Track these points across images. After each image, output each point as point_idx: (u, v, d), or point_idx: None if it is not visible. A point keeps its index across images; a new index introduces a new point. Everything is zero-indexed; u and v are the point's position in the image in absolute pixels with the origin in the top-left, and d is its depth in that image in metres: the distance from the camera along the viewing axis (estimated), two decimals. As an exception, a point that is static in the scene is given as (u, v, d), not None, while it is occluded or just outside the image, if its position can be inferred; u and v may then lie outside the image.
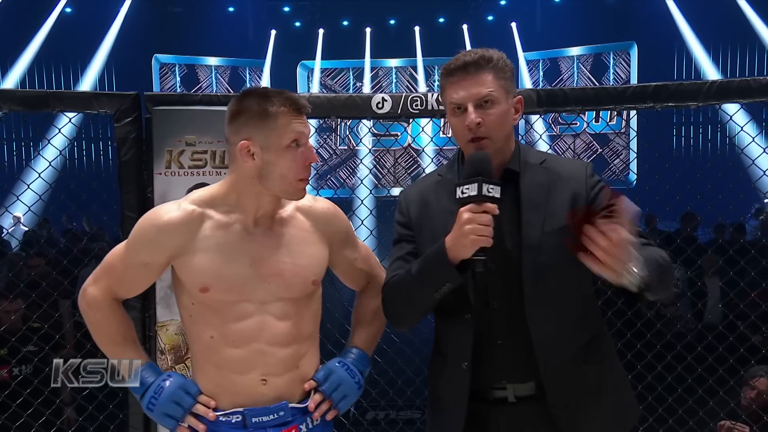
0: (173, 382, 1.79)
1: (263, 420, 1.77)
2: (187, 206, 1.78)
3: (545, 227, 1.72)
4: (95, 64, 14.91)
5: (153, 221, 1.78)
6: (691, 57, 14.16)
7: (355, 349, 1.95)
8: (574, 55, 15.62)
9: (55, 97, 2.71)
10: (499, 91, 1.74)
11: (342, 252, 1.94)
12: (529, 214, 1.73)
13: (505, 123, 1.76)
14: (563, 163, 1.84)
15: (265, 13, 15.66)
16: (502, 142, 1.76)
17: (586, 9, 14.71)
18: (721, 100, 2.69)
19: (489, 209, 1.62)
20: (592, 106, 2.79)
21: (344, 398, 1.87)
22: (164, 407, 1.76)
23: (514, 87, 1.79)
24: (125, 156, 2.71)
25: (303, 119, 1.75)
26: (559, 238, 1.67)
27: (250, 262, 1.76)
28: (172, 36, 15.24)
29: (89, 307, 1.85)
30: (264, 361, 1.77)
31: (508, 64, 1.78)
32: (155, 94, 2.77)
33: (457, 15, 15.45)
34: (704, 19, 13.43)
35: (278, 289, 1.78)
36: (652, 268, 1.54)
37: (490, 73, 1.73)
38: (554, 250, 1.70)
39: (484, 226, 1.61)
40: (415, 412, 3.91)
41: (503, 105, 1.74)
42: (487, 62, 1.74)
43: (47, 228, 8.32)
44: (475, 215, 1.62)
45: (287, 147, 1.72)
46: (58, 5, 14.17)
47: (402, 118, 2.86)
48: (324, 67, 16.09)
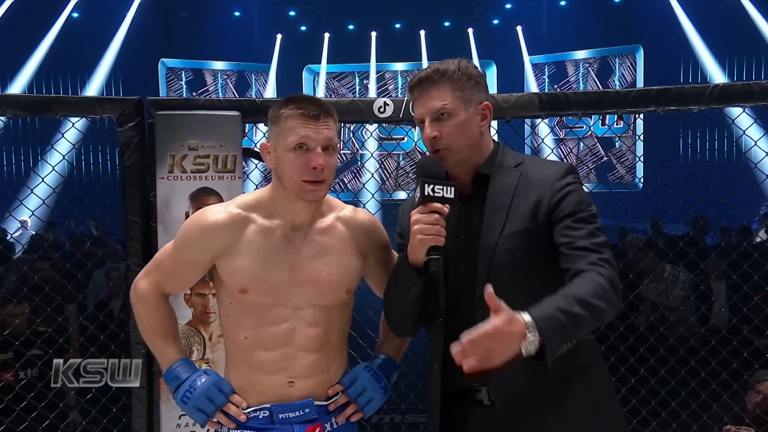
0: (208, 379, 1.86)
1: (289, 416, 1.83)
2: (232, 209, 1.85)
3: (504, 230, 1.72)
4: (102, 68, 14.98)
5: (199, 222, 1.85)
6: (697, 60, 14.12)
7: (382, 355, 1.99)
8: (580, 58, 15.62)
9: (58, 101, 2.72)
10: (456, 102, 1.75)
11: (377, 263, 1.97)
12: (490, 216, 1.74)
13: (465, 132, 1.76)
14: (540, 166, 1.82)
15: (270, 17, 15.71)
16: (466, 151, 1.77)
17: (592, 12, 14.70)
18: (724, 104, 2.68)
19: (435, 209, 1.65)
20: (595, 109, 2.80)
21: (369, 402, 1.91)
22: (197, 402, 1.83)
23: (479, 94, 1.79)
24: (128, 160, 2.72)
25: (312, 124, 1.76)
26: (517, 241, 1.69)
27: (288, 268, 1.82)
28: (178, 40, 15.31)
29: (138, 300, 1.93)
30: (292, 365, 1.83)
31: (468, 74, 1.78)
32: (158, 99, 2.79)
33: (463, 19, 15.46)
34: (710, 22, 13.40)
35: (312, 296, 1.83)
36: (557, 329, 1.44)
37: (446, 86, 1.75)
38: (509, 253, 1.70)
39: (431, 225, 1.64)
40: (419, 416, 3.91)
41: (461, 116, 1.75)
42: (441, 76, 1.76)
43: (53, 232, 8.36)
44: (421, 216, 1.65)
45: (291, 150, 1.76)
46: (65, 10, 14.25)
47: (404, 122, 2.87)
48: (330, 71, 16.12)
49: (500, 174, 1.78)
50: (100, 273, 5.59)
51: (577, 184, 1.76)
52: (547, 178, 1.75)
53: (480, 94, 1.80)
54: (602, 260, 1.62)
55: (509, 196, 1.75)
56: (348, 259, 1.88)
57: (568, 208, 1.70)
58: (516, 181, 1.76)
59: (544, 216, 1.71)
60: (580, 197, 1.73)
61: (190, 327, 2.71)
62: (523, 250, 1.70)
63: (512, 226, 1.72)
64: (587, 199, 1.75)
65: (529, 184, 1.75)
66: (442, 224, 1.66)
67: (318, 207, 1.87)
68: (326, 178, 1.78)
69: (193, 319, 2.71)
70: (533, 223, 1.71)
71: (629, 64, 15.13)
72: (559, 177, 1.75)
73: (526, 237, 1.71)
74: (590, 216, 1.71)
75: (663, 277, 5.17)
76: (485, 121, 1.81)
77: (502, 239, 1.71)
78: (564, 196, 1.72)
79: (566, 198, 1.72)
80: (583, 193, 1.75)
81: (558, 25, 15.18)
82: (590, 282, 1.56)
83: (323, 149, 1.76)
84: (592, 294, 1.53)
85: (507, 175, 1.78)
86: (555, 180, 1.74)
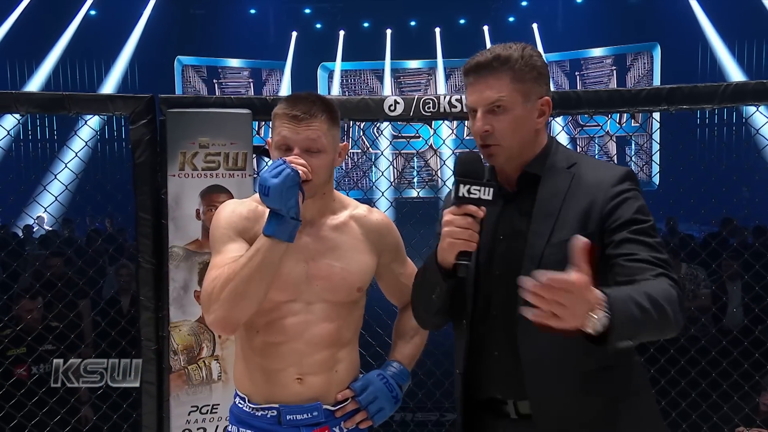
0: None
1: (297, 418, 1.82)
2: (250, 203, 1.87)
3: (552, 238, 1.59)
4: (119, 65, 15.11)
5: (221, 211, 1.85)
6: (715, 57, 13.98)
7: (396, 363, 1.97)
8: (597, 56, 15.51)
9: (71, 99, 2.74)
10: (514, 95, 1.60)
11: (389, 265, 1.97)
12: (538, 222, 1.62)
13: (520, 129, 1.63)
14: (594, 168, 1.66)
15: (286, 14, 15.75)
16: (517, 148, 1.64)
17: (608, 10, 14.59)
18: (737, 103, 2.66)
19: (469, 211, 1.53)
20: (606, 108, 2.77)
21: (380, 411, 1.90)
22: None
23: (540, 88, 1.64)
24: (140, 158, 2.74)
25: (293, 124, 1.75)
26: (565, 250, 1.52)
27: (304, 263, 1.82)
28: (194, 38, 15.40)
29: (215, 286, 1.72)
30: (300, 360, 1.82)
31: (531, 64, 1.62)
32: (169, 97, 2.80)
33: (478, 16, 15.41)
34: (728, 18, 13.26)
35: (324, 292, 1.83)
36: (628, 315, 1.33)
37: (506, 76, 1.60)
38: (558, 263, 1.52)
39: (463, 230, 1.53)
40: (428, 414, 3.91)
41: (518, 110, 1.61)
42: (502, 63, 1.60)
43: (69, 228, 8.44)
44: (453, 218, 1.54)
45: (276, 149, 1.79)
46: (83, 7, 14.38)
47: (414, 120, 2.86)
48: (344, 68, 16.13)
49: (551, 175, 1.65)
50: (112, 270, 5.64)
51: (636, 191, 1.61)
52: (601, 183, 1.60)
53: (541, 87, 1.64)
54: (670, 277, 1.48)
55: (559, 202, 1.61)
56: (360, 256, 1.88)
57: (625, 217, 1.56)
58: (567, 184, 1.63)
59: (596, 224, 1.58)
60: (639, 206, 1.58)
61: (200, 324, 2.72)
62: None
63: (560, 234, 1.58)
64: (646, 209, 1.59)
65: (580, 188, 1.62)
66: (476, 229, 1.55)
67: (326, 204, 1.87)
68: (310, 178, 1.75)
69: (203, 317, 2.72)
70: (584, 231, 1.53)
71: (646, 62, 15.01)
72: (615, 182, 1.60)
73: None
74: (650, 228, 1.56)
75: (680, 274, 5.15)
76: (543, 118, 1.66)
77: (549, 248, 1.58)
78: (620, 203, 1.58)
79: (622, 206, 1.57)
80: (642, 202, 1.60)
81: (574, 23, 15.09)
82: (663, 286, 1.45)
83: (304, 150, 1.75)
84: (663, 297, 1.41)
85: (558, 177, 1.64)
86: (610, 185, 1.60)
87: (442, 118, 2.85)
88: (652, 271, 1.48)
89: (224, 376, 2.72)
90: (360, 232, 1.90)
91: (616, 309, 1.31)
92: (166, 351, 2.71)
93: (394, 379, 1.93)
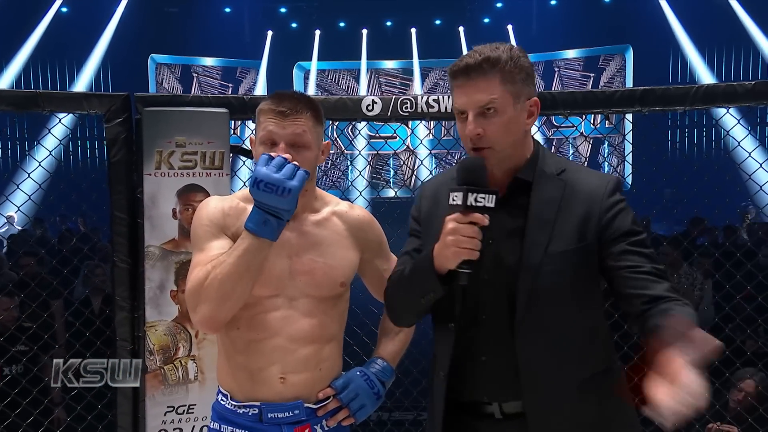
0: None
1: (278, 416, 1.82)
2: (231, 200, 1.88)
3: (549, 248, 1.59)
4: (91, 63, 14.90)
5: (205, 208, 1.86)
6: (686, 60, 14.20)
7: (379, 360, 1.98)
8: (570, 57, 15.66)
9: (45, 97, 2.71)
10: (505, 96, 1.59)
11: (373, 261, 1.97)
12: (534, 231, 1.60)
13: (511, 131, 1.61)
14: (584, 175, 1.66)
15: (261, 14, 15.67)
16: (508, 150, 1.63)
17: (582, 12, 14.74)
18: (708, 105, 2.71)
19: (476, 220, 1.52)
20: (580, 109, 2.81)
21: (362, 408, 1.90)
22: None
23: (529, 88, 1.64)
24: (115, 157, 2.72)
25: (279, 120, 1.77)
26: (564, 261, 1.57)
27: (287, 258, 1.83)
28: (168, 36, 15.23)
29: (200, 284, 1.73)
30: (284, 357, 1.82)
31: (520, 65, 1.61)
32: (146, 95, 2.78)
33: (454, 17, 15.47)
34: (699, 22, 13.47)
35: (307, 287, 1.84)
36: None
37: (496, 77, 1.59)
38: (555, 274, 1.58)
39: (468, 239, 1.52)
40: (405, 413, 3.92)
41: (509, 112, 1.60)
42: (492, 65, 1.59)
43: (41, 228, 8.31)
44: (459, 226, 1.52)
45: (261, 144, 1.80)
46: (54, 4, 14.16)
47: (392, 120, 2.87)
48: (320, 68, 16.10)
49: (542, 182, 1.63)
50: (85, 269, 5.56)
51: (625, 201, 1.64)
52: (595, 193, 1.61)
53: (530, 88, 1.64)
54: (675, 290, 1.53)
55: (553, 210, 1.61)
56: (343, 252, 1.90)
57: (623, 228, 1.58)
58: (560, 192, 1.62)
59: (593, 235, 1.59)
60: (633, 217, 1.62)
61: (176, 324, 2.71)
62: (571, 272, 1.59)
63: (558, 244, 1.58)
64: (637, 220, 1.64)
65: (573, 196, 1.61)
66: (480, 237, 1.53)
67: (309, 200, 1.88)
68: None
69: (179, 316, 2.71)
70: (581, 242, 1.58)
71: (619, 64, 15.19)
72: (609, 192, 1.62)
73: (573, 257, 1.58)
74: (646, 239, 1.61)
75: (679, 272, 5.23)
76: (532, 118, 1.66)
77: (548, 258, 1.58)
78: (616, 214, 1.60)
79: (618, 217, 1.60)
80: (632, 213, 1.63)
81: (548, 24, 15.21)
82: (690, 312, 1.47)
83: (290, 145, 1.77)
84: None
85: (550, 184, 1.63)
86: (605, 196, 1.61)
87: (420, 118, 2.87)
88: (662, 284, 1.53)
89: (201, 376, 2.71)
90: (343, 228, 1.91)
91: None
92: (141, 351, 2.69)
93: (376, 376, 1.94)
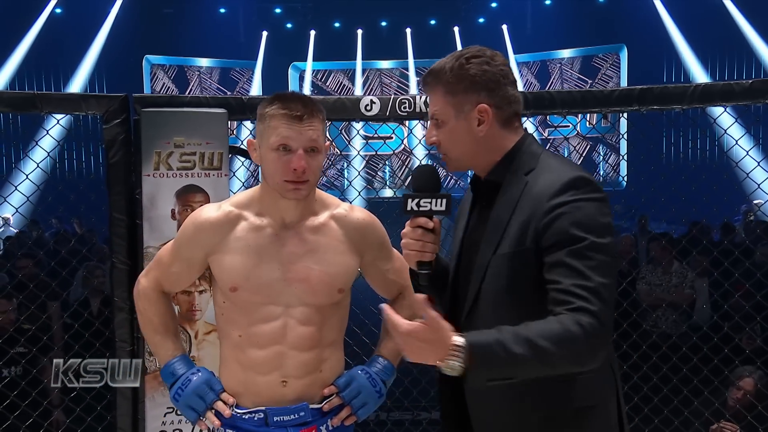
0: (200, 377, 1.87)
1: (284, 419, 1.84)
2: (226, 207, 1.88)
3: (498, 250, 1.55)
4: (85, 64, 14.84)
5: (194, 220, 1.89)
6: (680, 60, 14.24)
7: (381, 359, 2.00)
8: (565, 57, 15.69)
9: (43, 98, 2.70)
10: (446, 109, 1.60)
11: (375, 262, 1.97)
12: (488, 231, 1.59)
13: (459, 141, 1.62)
14: (545, 175, 1.56)
15: (256, 14, 15.65)
16: (465, 158, 1.64)
17: (577, 12, 14.77)
18: (705, 104, 2.72)
19: (420, 224, 1.61)
20: (579, 108, 2.82)
21: (364, 406, 1.92)
22: (189, 399, 1.85)
23: (474, 96, 1.59)
24: (114, 158, 2.71)
25: (296, 125, 1.75)
26: (504, 264, 1.54)
27: (279, 266, 1.83)
28: (162, 37, 15.20)
29: (138, 296, 1.98)
30: (284, 363, 1.83)
31: (460, 76, 1.59)
32: (144, 96, 2.78)
33: (449, 17, 15.48)
34: (693, 23, 13.51)
35: (303, 295, 1.84)
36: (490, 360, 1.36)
37: (439, 90, 1.62)
38: (495, 276, 1.56)
39: (414, 241, 1.61)
40: (404, 413, 3.93)
41: (451, 123, 1.61)
42: (434, 78, 1.63)
43: (37, 229, 8.29)
44: (407, 230, 1.63)
45: (273, 149, 1.77)
46: (48, 5, 14.11)
47: (390, 120, 2.87)
48: (315, 68, 16.10)
49: (509, 183, 1.60)
50: (83, 271, 5.55)
51: (579, 201, 1.48)
52: (541, 194, 1.51)
53: (476, 95, 1.59)
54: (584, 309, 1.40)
55: (509, 212, 1.56)
56: (340, 258, 1.88)
57: (557, 236, 1.46)
58: (519, 193, 1.56)
59: (532, 241, 1.51)
60: (576, 220, 1.46)
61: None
62: (508, 276, 1.54)
63: (504, 246, 1.55)
64: (586, 223, 1.46)
65: (526, 197, 1.55)
66: (428, 239, 1.61)
67: (309, 205, 1.87)
68: (309, 179, 1.78)
69: (178, 317, 2.70)
70: (520, 247, 1.52)
71: (613, 64, 15.22)
72: (553, 194, 1.50)
73: (512, 261, 1.53)
74: (587, 247, 1.44)
75: (670, 270, 5.26)
76: (484, 125, 1.60)
77: (495, 260, 1.56)
78: (554, 219, 1.48)
79: (555, 222, 1.48)
80: (581, 214, 1.47)
81: (543, 24, 15.24)
82: (554, 324, 1.39)
83: (306, 150, 1.75)
84: (550, 337, 1.37)
85: (514, 184, 1.59)
86: (547, 198, 1.50)
87: (418, 118, 2.87)
88: (567, 305, 1.41)
89: (201, 377, 2.70)
90: (341, 232, 1.90)
91: (476, 355, 1.35)
92: (141, 352, 2.69)
93: (378, 374, 1.95)
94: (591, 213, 1.48)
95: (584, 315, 1.39)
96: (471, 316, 1.60)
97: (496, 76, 1.60)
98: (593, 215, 1.48)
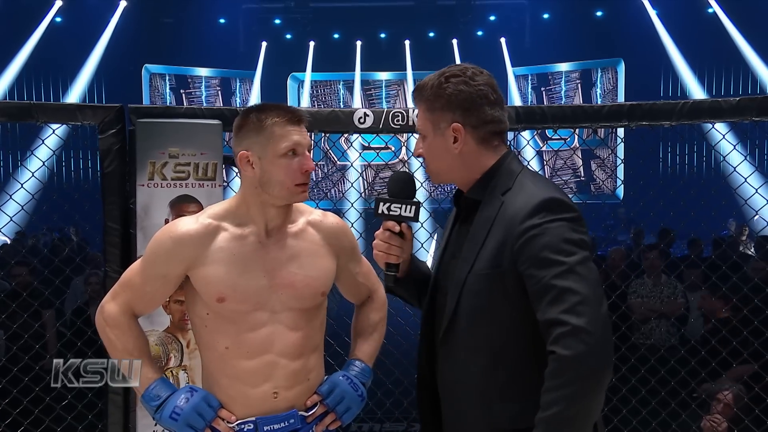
0: (197, 395, 1.86)
1: (274, 428, 1.85)
2: (203, 220, 1.87)
3: (474, 267, 1.59)
4: (85, 73, 14.87)
5: (170, 234, 1.87)
6: (677, 75, 14.32)
7: (358, 362, 2.03)
8: (563, 70, 15.77)
9: (39, 108, 2.73)
10: (426, 125, 1.67)
11: (347, 266, 2.02)
12: (466, 249, 1.63)
13: (438, 156, 1.67)
14: (519, 197, 1.58)
15: (256, 24, 15.71)
16: (443, 173, 1.70)
17: (575, 26, 14.84)
18: (694, 120, 2.76)
19: (388, 227, 1.72)
20: (570, 123, 2.85)
21: (348, 411, 1.95)
22: (189, 418, 1.83)
23: (449, 114, 1.63)
24: (108, 167, 2.74)
25: (299, 129, 1.84)
26: (481, 283, 1.57)
27: (264, 273, 1.85)
28: (162, 46, 15.25)
29: (107, 323, 1.90)
30: (275, 373, 1.85)
31: (437, 94, 1.63)
32: (139, 107, 2.81)
33: (447, 30, 15.55)
34: (689, 37, 13.60)
35: (290, 300, 1.87)
36: None
37: (422, 106, 1.68)
38: (472, 294, 1.59)
39: (382, 243, 1.71)
40: (396, 424, 3.93)
41: (430, 139, 1.67)
42: (418, 94, 1.69)
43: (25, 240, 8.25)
44: (379, 232, 1.73)
45: (283, 156, 1.82)
46: (49, 14, 14.15)
47: (383, 132, 2.90)
48: (314, 79, 16.16)
49: (487, 201, 1.63)
50: (78, 280, 5.56)
51: (548, 224, 1.50)
52: (515, 217, 1.54)
53: (452, 113, 1.63)
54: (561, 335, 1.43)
55: (485, 231, 1.59)
56: (321, 261, 1.93)
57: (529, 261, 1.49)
58: (495, 213, 1.59)
59: (509, 262, 1.54)
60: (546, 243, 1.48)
61: (168, 334, 2.72)
62: (486, 295, 1.57)
63: (480, 265, 1.58)
64: (556, 245, 1.48)
65: (501, 218, 1.58)
66: (395, 242, 1.71)
67: (289, 212, 1.92)
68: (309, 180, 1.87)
69: (171, 326, 2.72)
70: (497, 268, 1.55)
71: (611, 77, 15.30)
72: (525, 217, 1.53)
73: (488, 281, 1.56)
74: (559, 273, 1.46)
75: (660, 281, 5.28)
76: (458, 143, 1.64)
77: (471, 277, 1.59)
78: (526, 242, 1.51)
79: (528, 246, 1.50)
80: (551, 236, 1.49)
81: (541, 38, 15.30)
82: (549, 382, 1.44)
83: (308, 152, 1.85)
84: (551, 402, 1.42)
85: (491, 203, 1.62)
86: (519, 221, 1.53)
87: (411, 131, 2.90)
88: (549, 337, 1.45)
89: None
90: (318, 237, 1.95)
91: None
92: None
93: (357, 378, 1.99)
94: (561, 233, 1.50)
95: (564, 340, 1.43)
96: (449, 333, 1.64)
97: (472, 96, 1.62)
98: (564, 235, 1.50)
